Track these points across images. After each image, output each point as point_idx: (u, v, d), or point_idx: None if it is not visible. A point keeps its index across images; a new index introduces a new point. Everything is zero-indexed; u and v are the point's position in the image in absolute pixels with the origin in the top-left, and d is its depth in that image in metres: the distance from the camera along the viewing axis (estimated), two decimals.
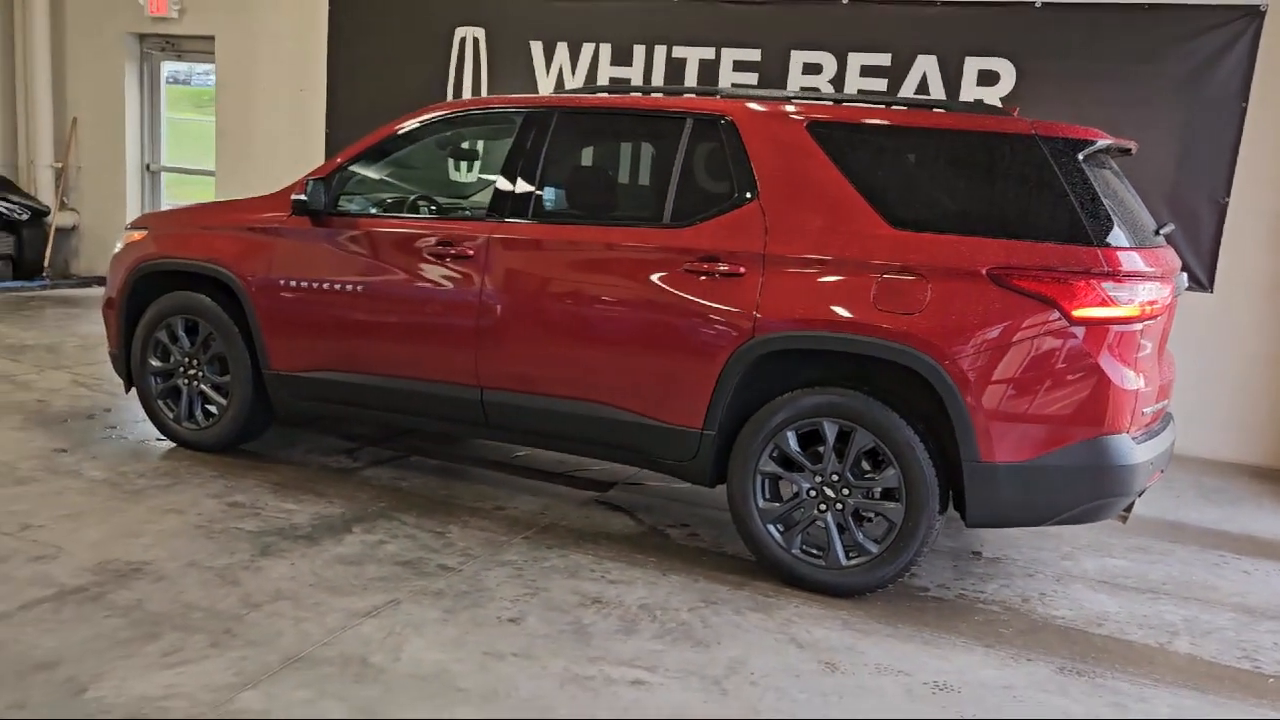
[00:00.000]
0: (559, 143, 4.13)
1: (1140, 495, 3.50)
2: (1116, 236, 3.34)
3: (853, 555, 3.57)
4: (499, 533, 3.99)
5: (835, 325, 3.49)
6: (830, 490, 3.57)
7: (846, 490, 3.56)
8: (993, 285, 3.33)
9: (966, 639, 3.36)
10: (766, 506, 3.66)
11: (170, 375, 4.72)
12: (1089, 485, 3.36)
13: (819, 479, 3.59)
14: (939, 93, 6.33)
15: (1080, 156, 3.41)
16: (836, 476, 3.56)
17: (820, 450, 3.58)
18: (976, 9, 6.23)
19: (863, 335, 3.45)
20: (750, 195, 3.70)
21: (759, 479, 3.65)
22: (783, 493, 3.71)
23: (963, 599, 3.70)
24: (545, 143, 4.07)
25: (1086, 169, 3.41)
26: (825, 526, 3.59)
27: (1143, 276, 3.36)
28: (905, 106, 3.96)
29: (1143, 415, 3.47)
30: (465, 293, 4.06)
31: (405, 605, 3.27)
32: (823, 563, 3.60)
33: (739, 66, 6.82)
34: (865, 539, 3.56)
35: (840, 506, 3.57)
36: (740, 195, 3.73)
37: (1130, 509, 3.57)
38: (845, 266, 3.50)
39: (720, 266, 3.66)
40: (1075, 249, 3.30)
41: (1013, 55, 6.18)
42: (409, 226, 4.26)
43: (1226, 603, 3.85)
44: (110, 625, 2.98)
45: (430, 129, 4.44)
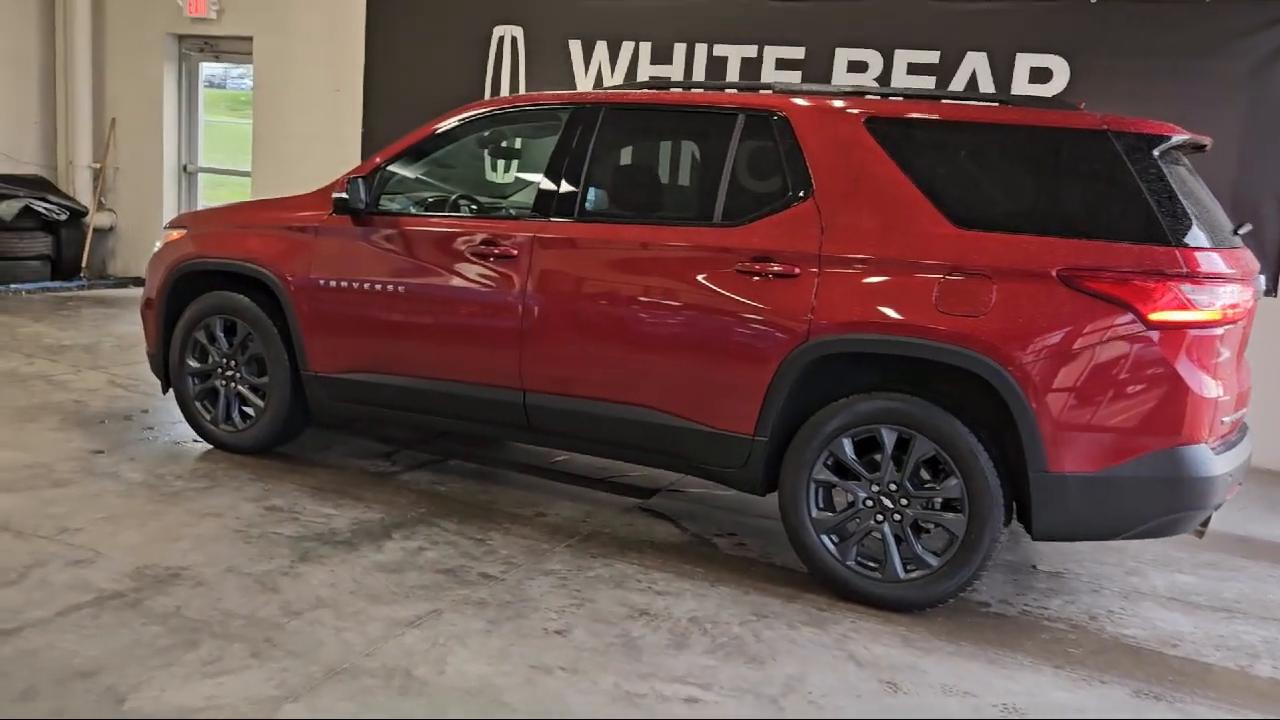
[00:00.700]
0: (605, 140, 4.02)
1: (1218, 509, 3.33)
2: (1195, 236, 3.18)
3: (911, 568, 3.43)
4: (541, 540, 3.88)
5: (894, 328, 3.35)
6: (888, 500, 3.43)
7: (905, 500, 3.41)
8: (1062, 287, 3.19)
9: (1034, 658, 3.20)
10: (820, 516, 3.52)
11: (208, 376, 4.66)
12: (1164, 498, 3.21)
13: (876, 488, 3.44)
14: (989, 91, 6.15)
15: (1155, 152, 3.26)
16: (895, 486, 3.42)
17: (877, 458, 3.44)
18: (1030, 4, 6.05)
19: (923, 338, 3.31)
20: (805, 193, 3.57)
21: (813, 487, 3.52)
22: (837, 502, 3.57)
23: (1026, 615, 3.54)
24: (591, 140, 3.96)
25: (1162, 165, 3.25)
26: (882, 538, 3.45)
27: (1223, 279, 3.21)
28: (966, 102, 3.81)
29: (1221, 425, 3.30)
30: (508, 293, 3.96)
31: (448, 615, 3.17)
32: (879, 575, 3.45)
33: (782, 65, 6.68)
34: (924, 551, 3.41)
35: (898, 517, 3.42)
36: (794, 193, 3.59)
37: (1207, 523, 3.41)
38: (905, 267, 3.37)
39: (773, 267, 3.54)
40: (1151, 249, 3.15)
41: (1067, 51, 5.99)
42: (452, 226, 4.18)
43: None
44: (149, 633, 2.90)
45: (472, 126, 4.35)
